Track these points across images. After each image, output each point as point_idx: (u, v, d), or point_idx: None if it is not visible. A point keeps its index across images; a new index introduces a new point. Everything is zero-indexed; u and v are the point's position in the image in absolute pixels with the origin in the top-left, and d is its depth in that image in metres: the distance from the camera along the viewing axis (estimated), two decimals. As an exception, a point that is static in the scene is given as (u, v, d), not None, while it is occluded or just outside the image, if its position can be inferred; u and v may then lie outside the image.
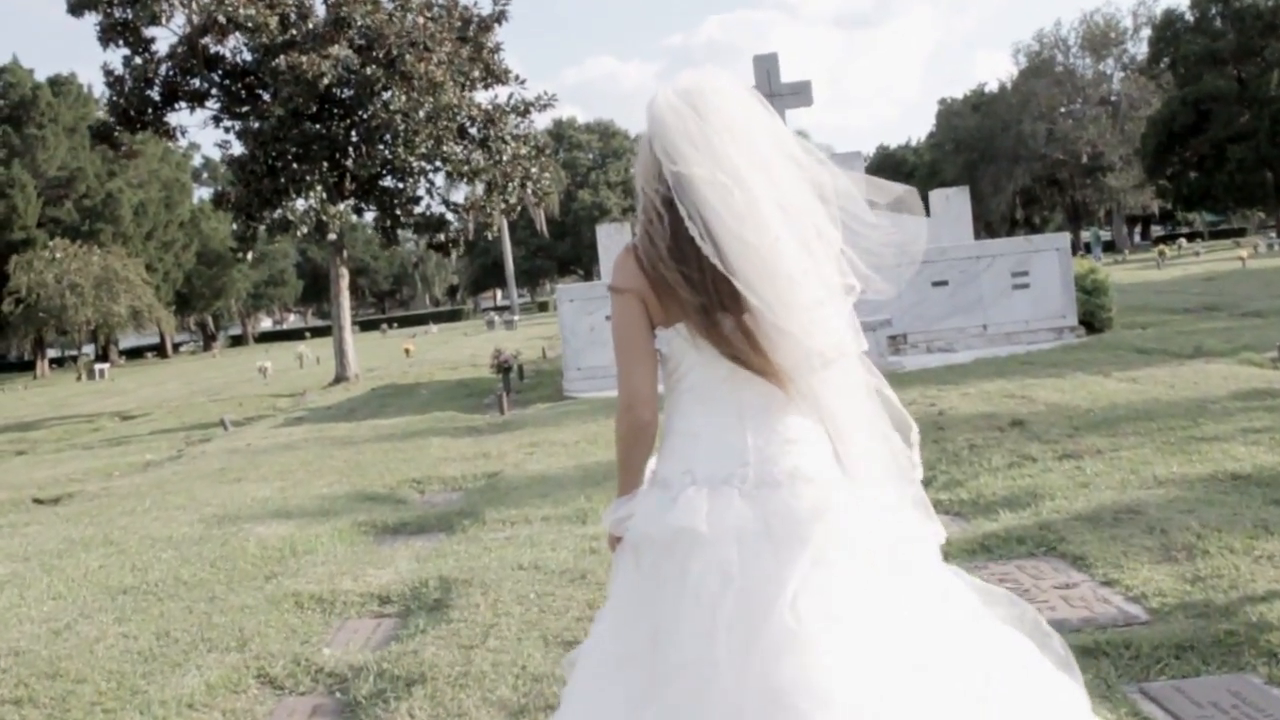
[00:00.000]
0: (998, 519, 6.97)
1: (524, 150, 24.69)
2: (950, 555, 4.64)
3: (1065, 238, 19.35)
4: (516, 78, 24.89)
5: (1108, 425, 9.89)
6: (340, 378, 26.02)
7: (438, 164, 23.82)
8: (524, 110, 25.05)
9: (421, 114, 22.34)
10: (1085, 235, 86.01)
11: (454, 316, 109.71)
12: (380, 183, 25.30)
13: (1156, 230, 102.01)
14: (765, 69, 21.26)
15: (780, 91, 21.19)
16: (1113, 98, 79.53)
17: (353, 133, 23.45)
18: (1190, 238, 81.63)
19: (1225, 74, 62.56)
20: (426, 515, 9.31)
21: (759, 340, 2.57)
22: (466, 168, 23.77)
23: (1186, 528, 6.07)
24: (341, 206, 24.02)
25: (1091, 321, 19.10)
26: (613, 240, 19.80)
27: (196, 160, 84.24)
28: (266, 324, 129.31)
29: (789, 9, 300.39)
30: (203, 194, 75.87)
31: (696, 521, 2.50)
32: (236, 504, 10.43)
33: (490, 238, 27.26)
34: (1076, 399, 11.66)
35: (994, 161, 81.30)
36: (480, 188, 25.50)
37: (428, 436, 14.52)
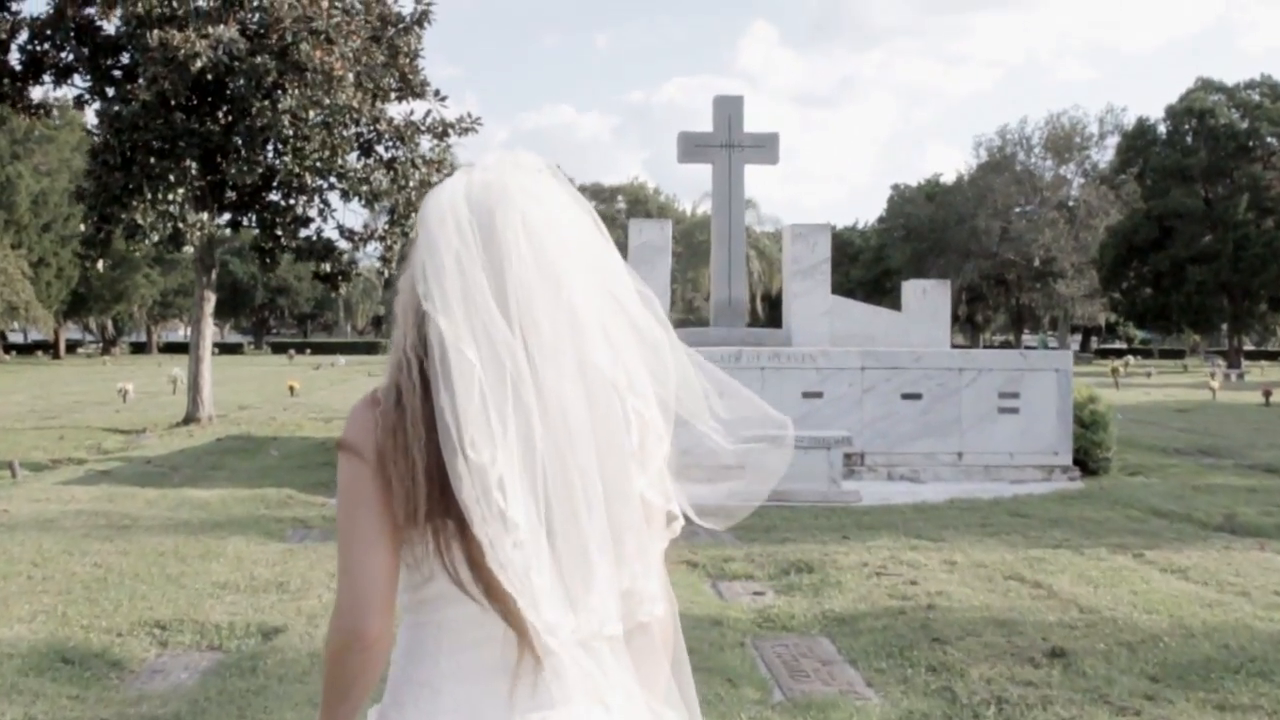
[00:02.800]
0: None
1: (435, 177, 21.01)
2: None
3: (1067, 356, 16.00)
4: (437, 93, 21.25)
5: (1198, 674, 6.72)
6: (190, 417, 22.10)
7: (332, 180, 20.06)
8: (441, 131, 21.39)
9: (313, 115, 18.63)
10: (1030, 341, 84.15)
11: (372, 349, 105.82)
12: (265, 196, 21.51)
13: (1098, 343, 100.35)
14: (727, 114, 17.79)
15: (741, 142, 17.73)
16: (1070, 203, 77.58)
17: (235, 133, 19.69)
18: (1132, 353, 79.77)
19: (1193, 192, 60.57)
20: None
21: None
22: (365, 188, 20.03)
23: None
24: (204, 216, 20.18)
25: (1086, 461, 15.76)
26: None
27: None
28: (183, 333, 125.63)
29: (753, 80, 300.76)
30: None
31: None
32: None
33: (388, 275, 23.55)
34: (1121, 604, 8.46)
35: (944, 253, 78.93)
36: (382, 215, 21.80)
37: (231, 535, 10.86)
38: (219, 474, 15.56)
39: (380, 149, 21.42)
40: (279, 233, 21.34)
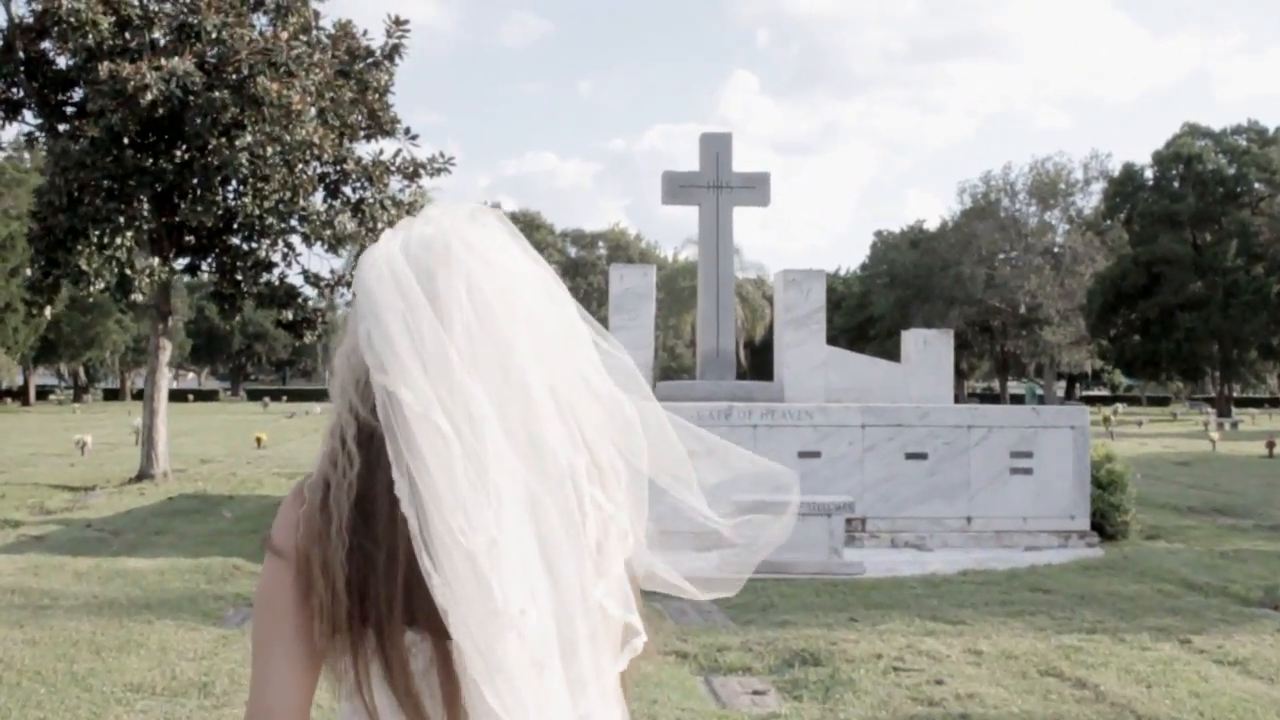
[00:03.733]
0: None
1: (405, 219, 19.85)
2: None
3: (1083, 412, 14.83)
4: (407, 131, 20.11)
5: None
6: (144, 474, 20.74)
7: (293, 222, 18.85)
8: (412, 172, 20.22)
9: (271, 152, 17.45)
10: (1015, 387, 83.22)
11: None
12: (226, 239, 20.28)
13: (1081, 390, 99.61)
14: (714, 151, 16.66)
15: (730, 183, 16.60)
16: (1055, 249, 76.91)
17: (190, 172, 18.49)
18: (1119, 401, 78.92)
19: (1181, 238, 59.74)
20: None
21: (459, 695, 1.50)
22: (329, 232, 18.83)
23: None
24: (154, 261, 18.93)
25: (1103, 524, 14.59)
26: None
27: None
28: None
29: (734, 127, 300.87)
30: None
31: None
32: None
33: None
34: (1184, 710, 7.36)
35: (928, 300, 78.11)
36: (348, 258, 20.61)
37: (161, 617, 9.68)
38: (162, 540, 14.29)
39: (347, 190, 20.25)
40: (239, 278, 20.10)
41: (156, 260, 18.93)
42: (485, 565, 1.44)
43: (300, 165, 17.99)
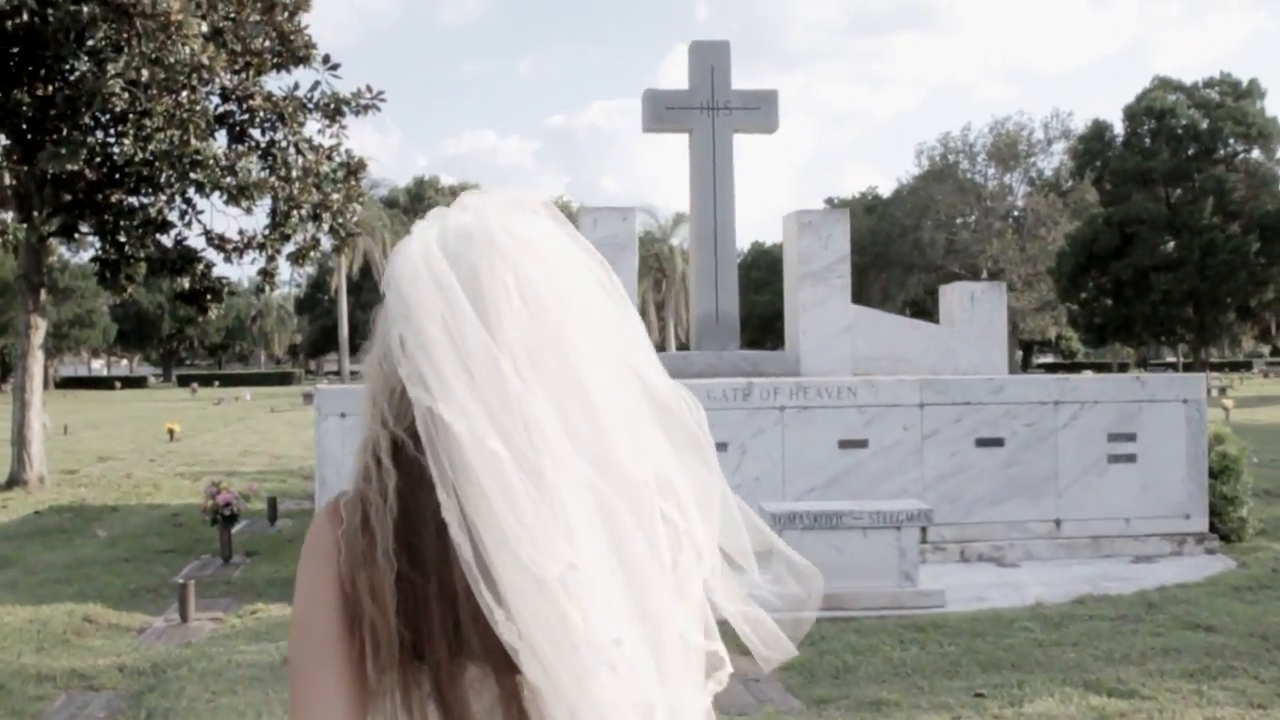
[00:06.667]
0: None
1: (325, 167, 16.33)
2: None
3: (1199, 382, 11.68)
4: (326, 60, 16.55)
5: None
6: (14, 480, 17.14)
7: (186, 168, 15.21)
8: (333, 110, 16.67)
9: (149, 78, 13.92)
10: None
11: (285, 380, 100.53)
12: (111, 195, 16.64)
13: (1037, 359, 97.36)
14: (708, 64, 13.26)
15: (729, 103, 13.20)
16: (1016, 213, 74.32)
17: (52, 106, 14.92)
18: (1087, 369, 76.60)
19: (1155, 196, 57.03)
20: None
21: None
22: (230, 180, 15.26)
23: None
24: (9, 218, 15.35)
25: (1214, 523, 11.49)
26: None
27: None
28: (86, 366, 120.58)
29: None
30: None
31: None
32: None
33: (271, 290, 18.89)
34: None
35: (886, 268, 75.39)
36: (262, 216, 17.05)
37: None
38: (3, 575, 10.86)
39: (255, 133, 16.71)
40: (123, 239, 16.51)
41: (11, 218, 15.32)
42: (561, 594, 1.28)
43: (188, 93, 14.41)
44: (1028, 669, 7.31)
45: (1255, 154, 58.20)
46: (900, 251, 74.15)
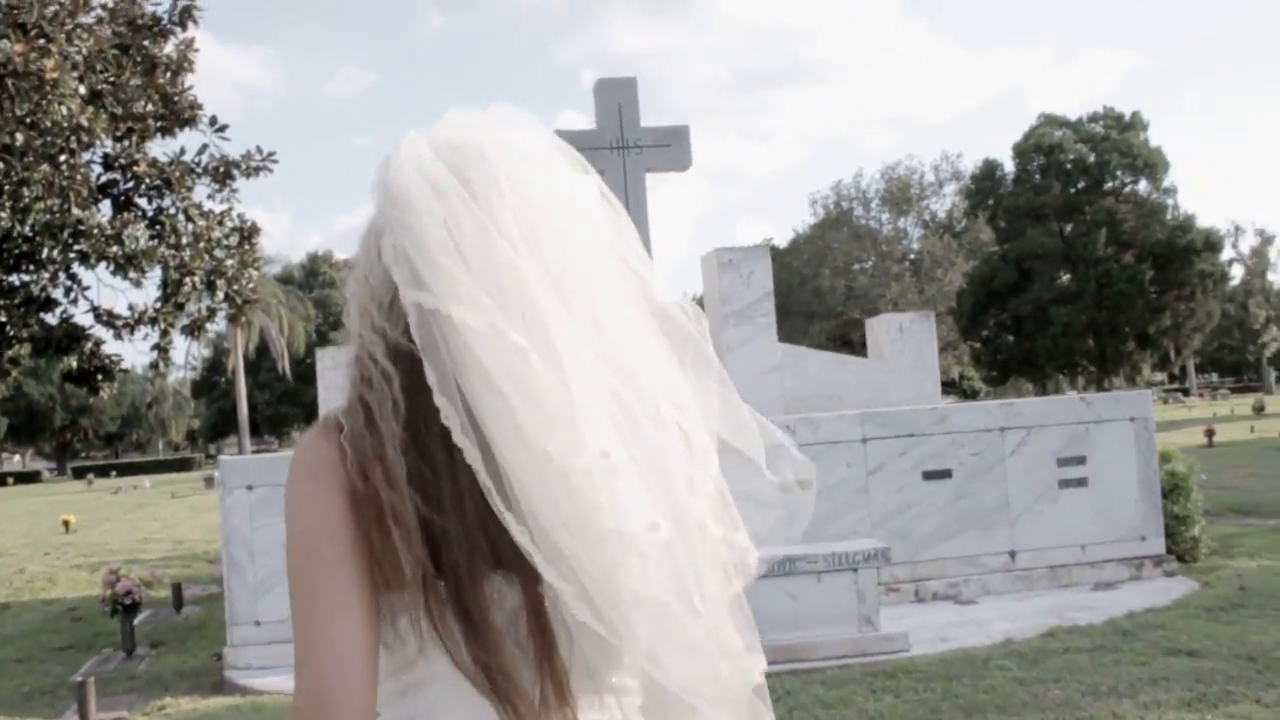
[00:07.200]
0: None
1: (217, 232, 15.53)
2: None
3: (1145, 399, 11.33)
4: (213, 122, 15.78)
5: None
6: (-106, 583, 16.01)
7: (68, 239, 14.32)
8: (222, 173, 15.88)
9: (24, 141, 13.12)
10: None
11: (184, 466, 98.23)
12: (-11, 274, 15.69)
13: (948, 399, 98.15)
14: (615, 102, 12.86)
15: (639, 141, 12.78)
16: (911, 256, 75.17)
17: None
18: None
19: (1049, 230, 57.74)
20: None
21: (555, 647, 1.34)
22: (115, 249, 14.42)
23: None
24: None
25: (1167, 543, 11.12)
26: (339, 371, 11.09)
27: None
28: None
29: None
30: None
31: None
32: None
33: (165, 367, 17.95)
34: None
35: (788, 317, 75.40)
36: (152, 289, 16.18)
37: None
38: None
39: (142, 201, 15.88)
40: (4, 320, 15.54)
41: None
42: (588, 484, 1.24)
43: (67, 158, 13.60)
44: (1014, 711, 6.79)
45: (1143, 185, 59.20)
46: (801, 300, 74.45)
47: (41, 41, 12.92)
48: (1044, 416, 10.75)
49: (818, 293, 74.13)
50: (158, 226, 15.62)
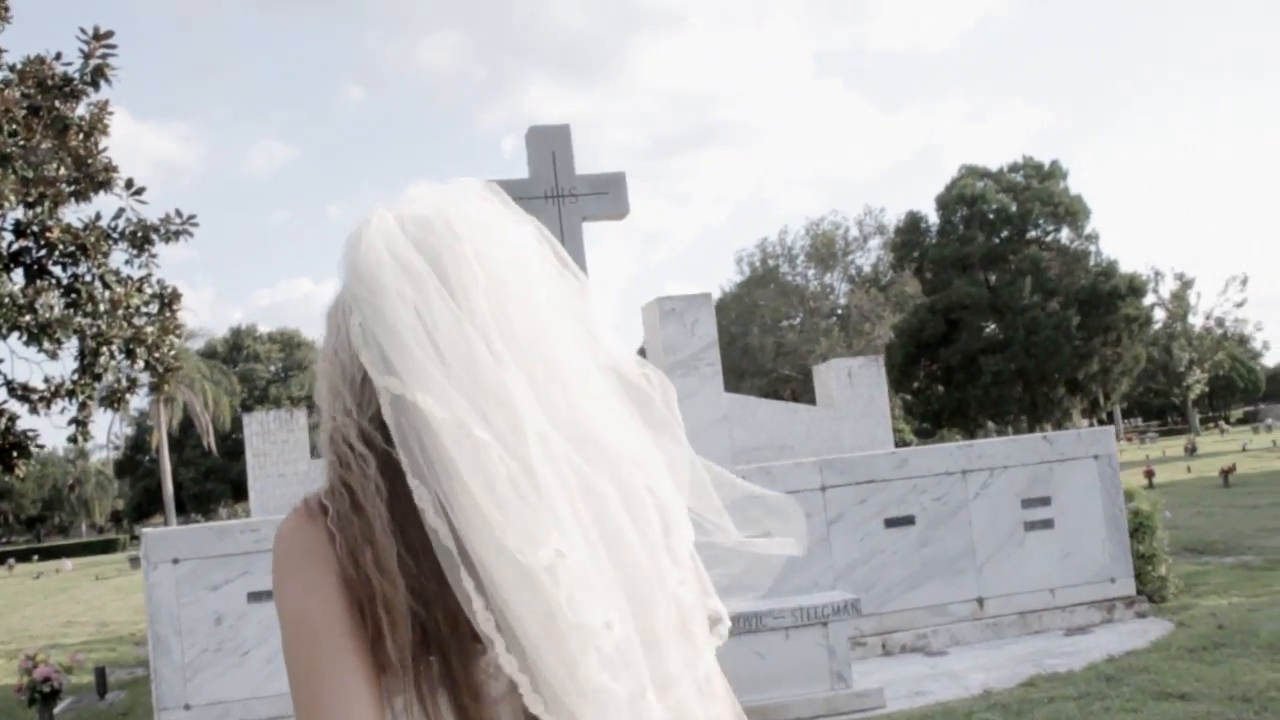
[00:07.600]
0: None
1: (136, 299, 14.92)
2: None
3: (1108, 435, 11.01)
4: (129, 185, 15.22)
5: None
6: None
7: (-23, 312, 13.67)
8: (141, 238, 15.30)
9: (-75, 211, 12.52)
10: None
11: (108, 548, 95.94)
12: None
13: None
14: (548, 150, 12.48)
15: (574, 189, 12.40)
16: (839, 310, 75.54)
17: None
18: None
19: (975, 280, 57.98)
20: None
21: None
22: (28, 319, 13.79)
23: None
24: None
25: (1134, 583, 10.79)
26: (267, 437, 10.50)
27: None
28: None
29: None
30: None
31: None
32: None
33: (81, 442, 17.23)
34: None
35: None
36: (69, 360, 15.50)
37: None
38: None
39: (56, 269, 15.24)
40: (-89, 397, 14.80)
41: None
42: (548, 582, 1.23)
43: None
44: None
45: (1065, 232, 59.78)
46: (730, 358, 74.34)
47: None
48: (1006, 457, 10.41)
49: (747, 350, 74.20)
50: (73, 294, 15.04)
